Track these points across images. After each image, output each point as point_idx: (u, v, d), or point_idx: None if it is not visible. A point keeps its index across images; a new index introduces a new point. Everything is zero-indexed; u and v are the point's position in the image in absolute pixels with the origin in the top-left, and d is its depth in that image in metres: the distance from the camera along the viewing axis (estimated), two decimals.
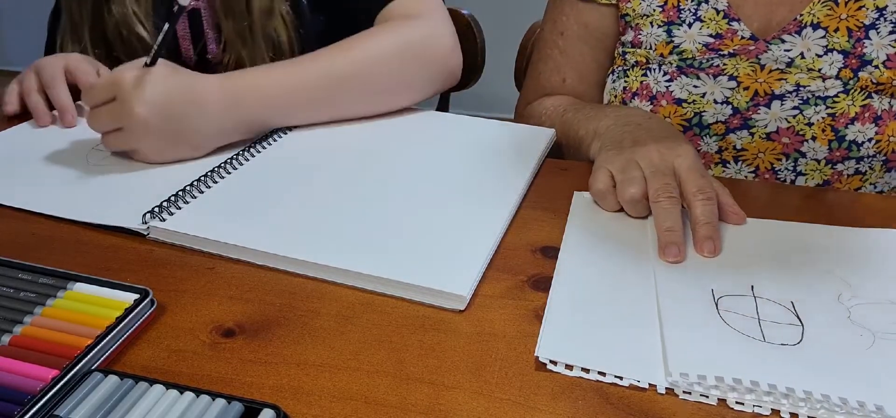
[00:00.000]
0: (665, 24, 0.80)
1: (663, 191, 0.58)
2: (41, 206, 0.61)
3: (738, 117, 0.79)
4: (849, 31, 0.74)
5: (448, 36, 0.82)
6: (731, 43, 0.77)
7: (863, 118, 0.75)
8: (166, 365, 0.44)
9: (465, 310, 0.49)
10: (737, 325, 0.47)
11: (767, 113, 0.78)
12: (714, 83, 0.79)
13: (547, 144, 0.75)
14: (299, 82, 0.74)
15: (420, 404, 0.41)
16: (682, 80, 0.80)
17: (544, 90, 0.90)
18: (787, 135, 0.78)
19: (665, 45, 0.80)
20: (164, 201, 0.60)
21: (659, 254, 0.55)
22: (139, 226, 0.58)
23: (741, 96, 0.78)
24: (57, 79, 0.79)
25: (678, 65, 0.80)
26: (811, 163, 0.78)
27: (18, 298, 0.48)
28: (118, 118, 0.67)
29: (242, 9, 0.83)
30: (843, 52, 0.74)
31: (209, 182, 0.64)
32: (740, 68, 0.77)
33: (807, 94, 0.76)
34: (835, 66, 0.75)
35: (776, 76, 0.76)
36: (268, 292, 0.51)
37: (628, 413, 0.41)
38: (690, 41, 0.79)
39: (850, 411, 0.40)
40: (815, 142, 0.77)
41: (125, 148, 0.69)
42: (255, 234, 0.56)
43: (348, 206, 0.61)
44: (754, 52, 0.77)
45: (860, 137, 0.75)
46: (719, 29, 0.77)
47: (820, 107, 0.76)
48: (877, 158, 0.76)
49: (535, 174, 0.70)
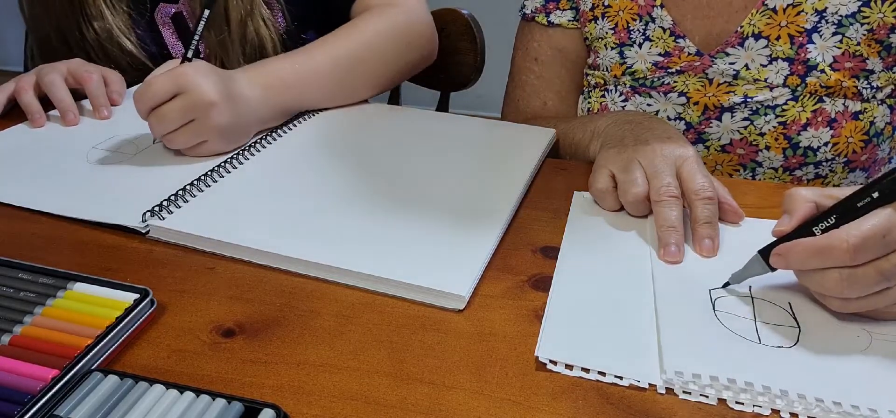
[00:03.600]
0: (617, 45, 0.82)
1: (665, 191, 0.58)
2: (40, 205, 0.61)
3: (691, 132, 0.80)
4: (791, 38, 0.74)
5: (427, 20, 0.90)
6: (679, 60, 0.78)
7: (815, 123, 0.75)
8: (166, 365, 0.44)
9: (465, 311, 0.49)
10: (733, 326, 0.47)
11: (719, 126, 0.79)
12: (665, 100, 0.80)
13: (548, 144, 0.75)
14: (313, 68, 0.79)
15: (420, 404, 0.41)
16: (636, 100, 0.81)
17: (524, 115, 0.91)
18: (740, 146, 0.78)
19: (619, 66, 0.82)
20: (164, 200, 0.60)
21: (658, 253, 0.55)
22: (139, 224, 0.58)
23: (692, 112, 0.79)
24: (56, 80, 0.79)
25: (631, 85, 0.82)
26: (768, 172, 0.79)
27: (18, 298, 0.48)
28: (190, 111, 0.67)
29: (221, 20, 0.86)
30: (787, 60, 0.75)
31: (209, 181, 0.64)
32: (689, 84, 0.78)
33: (755, 105, 0.76)
34: (781, 74, 0.75)
35: (724, 89, 0.77)
36: (268, 292, 0.51)
37: (628, 413, 0.41)
38: (641, 61, 0.80)
39: (844, 413, 0.40)
40: (769, 152, 0.77)
41: (196, 141, 0.69)
42: (254, 234, 0.56)
43: (348, 206, 0.61)
44: (700, 67, 0.78)
45: (815, 143, 0.76)
46: (667, 47, 0.78)
47: (769, 116, 0.76)
48: (837, 161, 0.76)
49: (536, 174, 0.70)
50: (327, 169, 0.68)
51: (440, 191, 0.64)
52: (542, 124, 0.84)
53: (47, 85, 0.79)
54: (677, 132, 0.67)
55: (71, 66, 0.81)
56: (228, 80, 0.71)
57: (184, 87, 0.66)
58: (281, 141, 0.74)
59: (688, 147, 0.62)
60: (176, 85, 0.66)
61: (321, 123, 0.79)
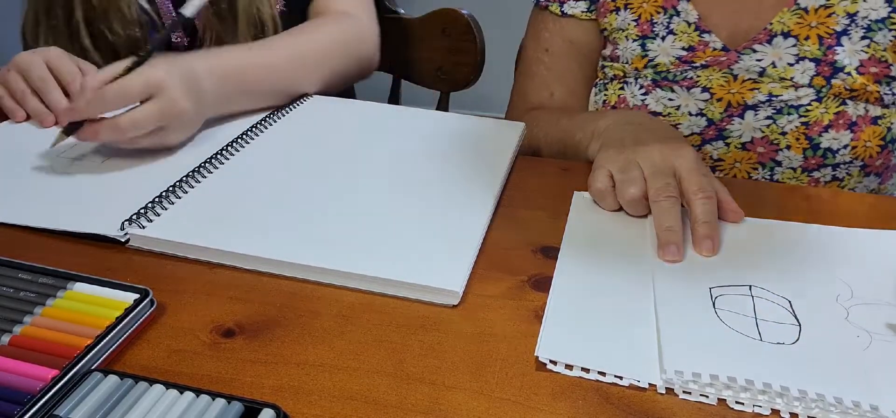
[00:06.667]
0: (639, 38, 0.81)
1: (663, 191, 0.58)
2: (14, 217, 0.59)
3: (712, 128, 0.79)
4: (820, 39, 0.74)
5: (375, 36, 0.95)
6: (704, 55, 0.78)
7: (837, 125, 0.75)
8: (166, 365, 0.44)
9: (465, 311, 0.49)
10: (733, 324, 0.47)
11: (741, 123, 0.78)
12: (688, 95, 0.79)
13: (519, 138, 0.75)
14: (269, 63, 0.81)
15: (420, 404, 0.41)
16: (658, 93, 0.80)
17: (532, 105, 0.90)
18: (761, 144, 0.78)
19: (640, 58, 0.81)
20: (142, 208, 0.58)
21: (658, 254, 0.55)
22: (117, 233, 0.56)
23: (715, 108, 0.78)
24: (47, 80, 0.77)
25: (653, 78, 0.81)
26: (787, 172, 0.78)
27: (18, 298, 0.48)
28: (163, 116, 0.67)
29: None
30: (814, 60, 0.74)
31: (187, 186, 0.63)
32: (713, 79, 0.78)
33: (780, 104, 0.76)
34: (807, 74, 0.75)
35: (749, 86, 0.77)
36: (268, 292, 0.51)
37: (628, 413, 0.41)
38: (664, 54, 0.79)
39: (845, 411, 0.40)
40: (789, 151, 0.77)
41: (160, 144, 0.69)
42: (240, 238, 0.55)
43: (330, 206, 0.61)
44: (726, 62, 0.77)
45: (835, 145, 0.76)
46: (692, 41, 0.78)
47: (793, 116, 0.76)
48: (853, 164, 0.76)
49: (512, 166, 0.70)
50: (302, 169, 0.67)
51: (424, 188, 0.64)
52: (547, 116, 0.84)
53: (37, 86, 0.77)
54: (677, 132, 0.67)
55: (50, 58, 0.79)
56: (192, 78, 0.71)
57: (160, 94, 0.66)
58: (253, 143, 0.73)
59: (687, 147, 0.62)
60: (148, 88, 0.66)
61: (290, 123, 0.78)
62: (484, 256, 0.55)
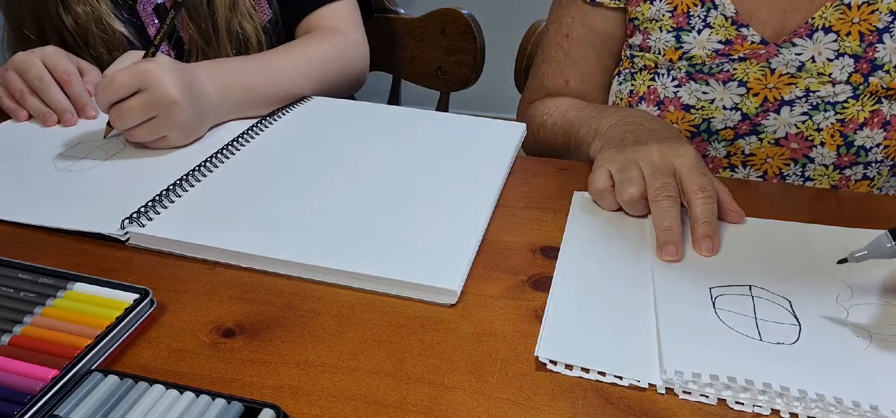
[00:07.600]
0: (674, 29, 0.79)
1: (662, 191, 0.58)
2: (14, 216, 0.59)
3: (747, 123, 0.78)
4: (861, 35, 0.73)
5: (365, 52, 0.98)
6: (741, 48, 0.77)
7: (872, 124, 0.74)
8: (166, 365, 0.44)
9: (465, 310, 0.49)
10: (733, 324, 0.47)
11: (776, 119, 0.77)
12: (723, 89, 0.78)
13: (519, 138, 0.75)
14: (269, 76, 0.82)
15: (420, 404, 0.41)
16: (692, 86, 0.79)
17: (547, 91, 0.89)
18: (795, 140, 0.77)
19: (674, 50, 0.80)
20: (143, 206, 0.58)
21: (657, 254, 0.55)
22: (117, 232, 0.56)
23: (750, 102, 0.78)
24: (46, 79, 0.78)
25: (687, 70, 0.80)
26: (819, 169, 0.78)
27: (18, 298, 0.48)
28: (151, 107, 0.68)
29: (205, 12, 0.88)
30: (854, 57, 0.73)
31: (187, 185, 0.63)
32: (750, 73, 0.77)
33: (816, 100, 0.75)
34: (845, 70, 0.74)
35: (786, 81, 0.76)
36: (268, 292, 0.51)
37: (628, 413, 0.41)
38: (700, 47, 0.78)
39: (845, 411, 0.40)
40: (823, 148, 0.76)
41: (156, 136, 0.70)
42: (240, 237, 0.55)
43: (330, 205, 0.61)
44: (765, 55, 0.76)
45: (869, 143, 0.75)
46: (729, 35, 0.77)
47: (829, 112, 0.75)
48: (884, 164, 0.76)
49: (512, 166, 0.70)
50: (302, 168, 0.67)
51: (423, 188, 0.64)
52: (559, 104, 0.83)
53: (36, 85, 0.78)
54: (678, 133, 0.66)
55: (46, 57, 0.79)
56: (190, 76, 0.72)
57: (146, 84, 0.67)
58: (253, 143, 0.73)
59: (687, 147, 0.62)
60: (138, 81, 0.67)
61: (290, 123, 0.79)
62: (484, 256, 0.55)
